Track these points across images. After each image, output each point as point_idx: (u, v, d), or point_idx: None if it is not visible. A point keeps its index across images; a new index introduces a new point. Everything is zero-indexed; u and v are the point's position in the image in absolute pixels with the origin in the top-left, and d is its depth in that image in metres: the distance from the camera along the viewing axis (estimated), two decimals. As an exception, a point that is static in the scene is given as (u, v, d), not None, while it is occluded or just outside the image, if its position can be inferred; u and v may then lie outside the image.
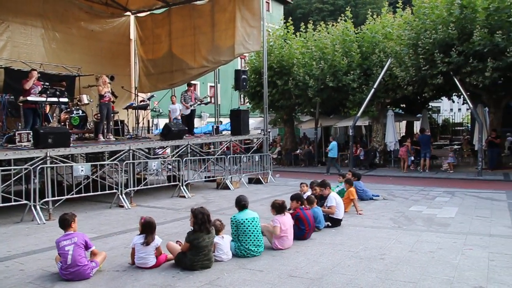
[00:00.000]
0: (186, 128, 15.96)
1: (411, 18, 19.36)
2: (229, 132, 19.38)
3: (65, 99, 13.78)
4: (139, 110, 17.25)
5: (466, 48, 16.72)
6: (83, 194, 11.26)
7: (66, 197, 10.81)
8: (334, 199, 9.19)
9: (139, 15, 21.35)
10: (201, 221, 6.40)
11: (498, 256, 6.76)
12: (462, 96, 20.06)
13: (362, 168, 21.46)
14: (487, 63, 16.15)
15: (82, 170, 11.19)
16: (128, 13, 21.12)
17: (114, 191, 12.00)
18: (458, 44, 16.96)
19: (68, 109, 14.67)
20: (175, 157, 14.72)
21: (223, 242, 6.86)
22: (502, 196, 12.84)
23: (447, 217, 9.93)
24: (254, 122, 30.01)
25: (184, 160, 14.53)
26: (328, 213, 9.05)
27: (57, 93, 12.86)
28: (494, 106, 19.68)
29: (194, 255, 6.28)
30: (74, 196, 11.08)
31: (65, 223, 6.15)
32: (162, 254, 6.60)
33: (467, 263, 6.43)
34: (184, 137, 15.12)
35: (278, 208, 7.60)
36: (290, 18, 25.68)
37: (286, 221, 7.50)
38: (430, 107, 30.37)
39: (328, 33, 23.05)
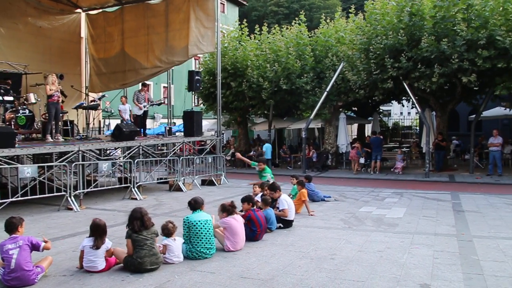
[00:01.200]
0: (138, 129, 15.71)
1: (363, 23, 19.77)
2: (182, 133, 19.21)
3: (10, 98, 13.27)
4: (89, 110, 16.83)
5: (415, 54, 17.22)
6: (29, 197, 10.87)
7: (11, 200, 10.42)
8: (286, 202, 9.28)
9: (90, 12, 20.79)
10: (132, 218, 6.35)
11: (442, 254, 7.01)
12: (411, 100, 20.64)
13: (315, 169, 21.77)
14: (434, 69, 16.70)
15: (28, 172, 10.82)
16: (79, 10, 20.52)
17: (63, 193, 11.67)
18: (407, 50, 17.45)
19: (14, 108, 14.08)
20: (127, 159, 14.46)
21: (175, 245, 6.78)
22: (447, 196, 13.32)
23: (396, 217, 10.21)
24: (208, 123, 29.90)
25: (135, 161, 14.29)
26: (281, 216, 9.12)
27: (1, 91, 12.37)
28: (440, 110, 20.38)
29: (139, 253, 6.21)
30: (20, 199, 10.71)
31: (12, 226, 5.90)
32: (112, 257, 6.47)
33: (413, 262, 6.63)
34: (136, 138, 14.86)
35: (229, 210, 7.61)
36: (245, 20, 25.76)
37: (236, 223, 7.51)
38: (381, 110, 31.16)
39: (282, 36, 23.24)
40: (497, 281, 5.73)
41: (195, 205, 7.33)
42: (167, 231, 6.87)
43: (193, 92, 24.49)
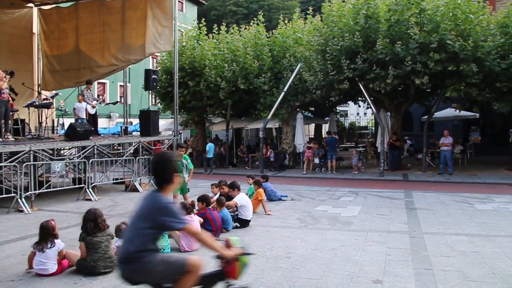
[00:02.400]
0: (93, 129, 15.38)
1: (320, 25, 20.00)
2: (139, 133, 18.91)
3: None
4: (42, 109, 16.30)
5: (370, 56, 17.57)
6: (-24, 199, 10.48)
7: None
8: (241, 199, 9.33)
9: (43, 7, 20.07)
10: (86, 220, 6.22)
11: (394, 250, 7.20)
12: (366, 101, 21.06)
13: (272, 169, 21.89)
14: (389, 71, 17.09)
15: (-25, 173, 10.41)
16: (30, 4, 19.79)
17: (13, 194, 11.27)
18: (363, 52, 17.78)
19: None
20: (81, 159, 14.12)
21: (128, 245, 6.68)
22: (401, 195, 13.69)
23: (351, 215, 10.40)
24: (165, 123, 29.56)
25: (90, 161, 13.98)
26: (229, 206, 9.13)
27: None
28: (395, 111, 20.91)
29: (93, 256, 6.07)
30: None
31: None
32: (65, 260, 6.30)
33: (367, 259, 6.78)
34: (91, 138, 14.53)
35: (188, 208, 7.59)
36: (204, 19, 25.61)
37: (192, 223, 7.47)
38: (337, 111, 31.66)
39: (240, 36, 23.27)
40: (445, 275, 5.94)
41: None
42: (121, 233, 6.75)
43: (150, 91, 24.13)
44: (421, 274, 6.01)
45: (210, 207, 8.39)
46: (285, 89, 20.75)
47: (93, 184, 13.83)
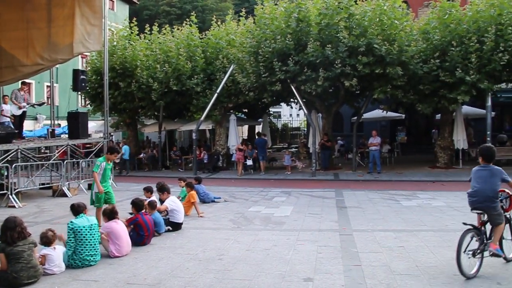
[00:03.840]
0: (16, 131, 14.61)
1: (253, 27, 20.08)
2: (67, 135, 18.19)
3: None
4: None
5: (302, 58, 17.87)
6: None
7: None
8: (171, 202, 9.20)
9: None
10: (5, 229, 5.89)
11: (325, 248, 7.36)
12: (298, 103, 21.41)
13: (206, 171, 21.77)
14: (319, 73, 17.46)
15: None
16: None
17: None
18: (294, 54, 18.06)
19: None
20: (3, 163, 13.35)
21: (55, 254, 6.41)
22: (332, 194, 14.03)
23: (283, 215, 10.52)
24: (96, 125, 28.68)
25: (13, 166, 13.26)
26: (159, 210, 8.99)
27: None
28: (326, 112, 21.42)
29: (14, 266, 5.75)
30: None
31: None
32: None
33: (298, 257, 6.87)
34: (14, 141, 13.79)
35: (109, 214, 7.41)
36: (136, 19, 24.96)
37: (117, 227, 7.30)
38: (270, 112, 31.93)
39: (173, 36, 22.94)
40: (373, 270, 6.14)
41: (78, 208, 7.03)
42: (47, 240, 6.46)
43: (79, 92, 23.28)
44: (351, 270, 6.17)
45: (143, 211, 8.20)
46: (218, 91, 20.69)
47: (16, 190, 13.12)
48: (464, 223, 5.83)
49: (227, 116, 22.94)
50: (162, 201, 9.53)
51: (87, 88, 22.43)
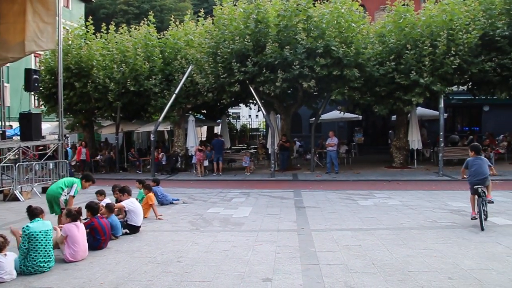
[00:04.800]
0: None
1: (211, 27, 19.97)
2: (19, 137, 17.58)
3: None
4: None
5: (260, 60, 17.91)
6: None
7: None
8: (130, 203, 9.03)
9: None
10: None
11: (284, 248, 7.39)
12: (257, 104, 21.47)
13: (164, 173, 21.52)
14: (278, 74, 17.55)
15: None
16: None
17: None
18: (253, 55, 18.09)
19: None
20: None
21: (6, 261, 6.17)
22: (291, 194, 14.12)
23: (242, 216, 10.52)
24: (50, 126, 27.82)
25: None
26: (116, 208, 8.82)
27: None
28: (284, 113, 21.56)
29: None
30: None
31: None
32: None
33: (257, 258, 6.88)
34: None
35: (74, 216, 7.21)
36: (92, 17, 24.38)
37: (77, 231, 7.11)
38: (230, 113, 31.90)
39: (130, 36, 22.51)
40: (330, 269, 6.22)
41: (34, 211, 6.82)
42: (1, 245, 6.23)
43: (31, 93, 22.54)
44: (309, 270, 6.22)
45: (98, 215, 8.00)
46: (176, 91, 20.49)
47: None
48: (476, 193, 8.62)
49: (186, 117, 22.75)
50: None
51: (41, 88, 21.84)
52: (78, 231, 7.14)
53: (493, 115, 27.20)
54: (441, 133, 18.53)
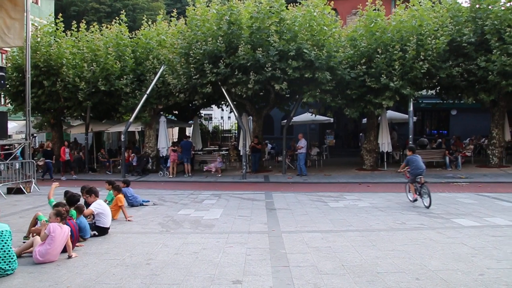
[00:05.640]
0: None
1: (184, 28, 19.86)
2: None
3: None
4: None
5: (233, 61, 17.91)
6: None
7: None
8: (98, 206, 8.89)
9: None
10: None
11: (254, 250, 7.38)
12: (229, 105, 21.44)
13: (135, 174, 21.27)
14: (250, 76, 17.59)
15: None
16: None
17: None
18: (225, 57, 18.07)
19: None
20: None
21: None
22: (262, 196, 14.13)
23: (213, 218, 10.46)
24: (17, 125, 27.25)
25: None
26: (85, 215, 8.67)
27: None
28: (256, 115, 21.61)
29: None
30: None
31: None
32: None
33: (228, 260, 6.85)
34: None
35: (63, 215, 7.10)
36: (62, 14, 23.82)
37: (59, 233, 6.97)
38: (201, 114, 31.75)
39: (101, 35, 22.19)
40: (300, 271, 6.23)
41: None
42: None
43: (-3, 91, 22.03)
44: (279, 272, 6.23)
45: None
46: (148, 92, 20.32)
47: None
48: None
49: (157, 118, 22.58)
50: (89, 204, 9.17)
51: (7, 86, 21.30)
52: (61, 232, 6.99)
53: (461, 119, 27.87)
54: (410, 136, 18.89)
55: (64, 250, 7.26)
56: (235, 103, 20.28)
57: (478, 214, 10.37)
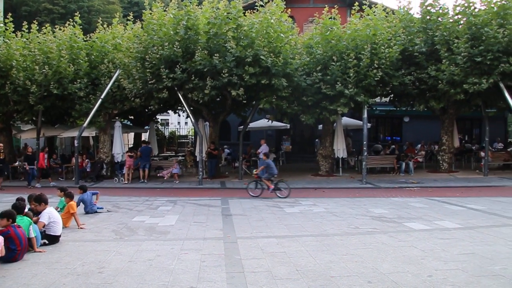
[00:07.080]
0: None
1: (140, 32, 19.55)
2: None
3: None
4: None
5: (189, 66, 17.82)
6: None
7: None
8: (48, 215, 8.62)
9: None
10: None
11: (209, 257, 7.36)
12: (186, 111, 21.30)
13: (89, 180, 20.75)
14: (207, 82, 17.55)
15: None
16: None
17: None
18: (182, 62, 17.95)
19: None
20: None
21: None
22: (218, 202, 14.11)
23: (168, 225, 10.37)
24: (-38, 130, 26.09)
25: None
26: (38, 226, 8.42)
27: None
28: (213, 121, 21.57)
29: None
30: None
31: None
32: None
33: (182, 267, 6.80)
34: None
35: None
36: (12, 14, 23.01)
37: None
38: (158, 119, 31.40)
39: (54, 37, 21.57)
40: (255, 277, 6.26)
41: None
42: None
43: None
44: (233, 278, 6.23)
45: (15, 224, 7.57)
46: (102, 96, 19.93)
47: None
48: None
49: (112, 123, 22.16)
50: (38, 213, 8.88)
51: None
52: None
53: (413, 126, 28.76)
54: (364, 142, 19.28)
55: (8, 260, 7.03)
56: (191, 108, 20.18)
57: (428, 217, 10.72)
